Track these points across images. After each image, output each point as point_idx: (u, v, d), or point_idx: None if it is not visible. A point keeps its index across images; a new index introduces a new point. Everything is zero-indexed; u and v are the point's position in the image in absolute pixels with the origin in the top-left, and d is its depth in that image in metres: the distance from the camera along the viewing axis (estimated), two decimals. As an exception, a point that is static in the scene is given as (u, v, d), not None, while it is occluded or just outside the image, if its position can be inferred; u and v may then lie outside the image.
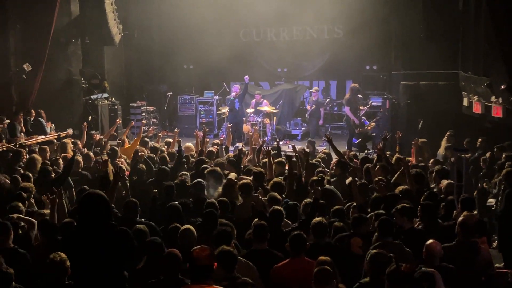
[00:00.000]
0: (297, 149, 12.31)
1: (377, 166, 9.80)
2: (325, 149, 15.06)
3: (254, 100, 18.41)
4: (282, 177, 9.45)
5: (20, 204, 7.57)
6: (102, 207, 4.88)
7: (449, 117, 14.55)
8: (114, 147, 12.29)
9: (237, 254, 5.82)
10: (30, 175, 9.66)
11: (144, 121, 19.49)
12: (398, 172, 9.55)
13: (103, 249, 4.83)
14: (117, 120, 16.31)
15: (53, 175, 9.78)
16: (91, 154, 11.60)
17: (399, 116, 16.26)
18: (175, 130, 14.41)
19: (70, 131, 15.57)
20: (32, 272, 6.14)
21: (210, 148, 12.55)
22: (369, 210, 7.80)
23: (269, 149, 11.04)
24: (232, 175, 9.32)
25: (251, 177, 9.24)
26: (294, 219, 7.61)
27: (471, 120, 13.83)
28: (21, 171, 10.22)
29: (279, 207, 7.22)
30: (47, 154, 12.00)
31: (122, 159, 11.78)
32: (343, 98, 17.33)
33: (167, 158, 11.34)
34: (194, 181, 8.88)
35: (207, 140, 13.52)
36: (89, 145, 14.03)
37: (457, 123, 14.10)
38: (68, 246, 5.07)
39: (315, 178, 8.97)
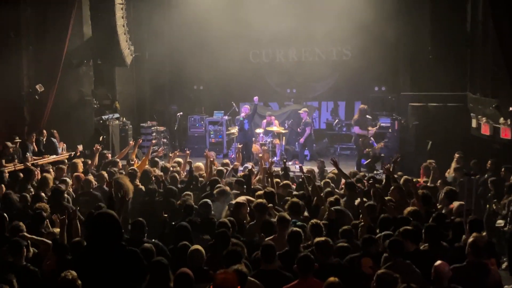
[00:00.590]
0: (304, 170, 12.35)
1: (393, 188, 9.81)
2: (334, 169, 15.05)
3: (265, 121, 18.44)
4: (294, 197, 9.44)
5: (21, 224, 7.59)
6: (113, 227, 4.88)
7: (457, 138, 14.54)
8: (134, 168, 12.32)
9: (247, 273, 5.82)
10: (43, 195, 9.73)
11: (154, 141, 19.58)
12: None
13: (113, 269, 4.83)
14: (130, 142, 16.38)
15: (66, 196, 9.82)
16: (105, 174, 11.62)
17: (407, 137, 16.26)
18: (187, 151, 14.43)
19: (80, 147, 15.65)
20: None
21: (220, 168, 12.58)
22: (377, 231, 7.80)
23: (272, 170, 11.05)
24: (242, 198, 9.35)
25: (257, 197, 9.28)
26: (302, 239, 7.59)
27: (480, 141, 13.82)
28: (32, 190, 10.28)
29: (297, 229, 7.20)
30: (63, 173, 12.08)
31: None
32: (352, 119, 17.35)
33: (178, 177, 11.39)
34: (201, 201, 8.91)
35: (216, 164, 13.62)
36: (102, 164, 14.12)
37: (466, 145, 14.08)
38: (79, 265, 5.07)
39: (331, 199, 8.98)
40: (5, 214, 7.93)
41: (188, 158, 13.29)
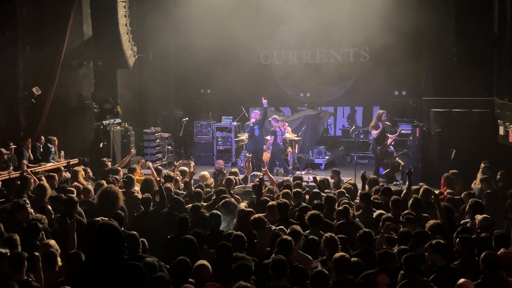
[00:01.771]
0: (318, 180, 12.36)
1: (412, 200, 9.83)
2: (350, 179, 15.05)
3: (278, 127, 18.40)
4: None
5: (16, 236, 7.62)
6: (115, 239, 4.87)
7: (483, 146, 14.47)
8: (130, 175, 12.38)
9: None
10: (46, 205, 9.80)
11: (158, 148, 19.69)
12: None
13: (114, 285, 4.83)
14: (132, 150, 16.42)
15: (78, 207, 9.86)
16: (104, 182, 11.67)
17: (429, 146, 16.22)
18: (191, 162, 14.43)
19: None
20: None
21: (228, 177, 12.61)
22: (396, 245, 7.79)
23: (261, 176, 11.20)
24: (242, 205, 9.39)
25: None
26: (315, 254, 7.60)
27: (508, 150, 13.74)
28: (27, 200, 10.34)
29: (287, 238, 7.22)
30: (55, 182, 12.14)
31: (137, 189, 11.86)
32: (369, 125, 17.28)
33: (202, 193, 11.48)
34: (211, 212, 8.92)
35: (225, 171, 13.66)
36: (101, 172, 14.17)
37: (493, 154, 13.99)
38: (77, 280, 5.06)
39: (340, 208, 8.98)
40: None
41: (192, 168, 13.23)
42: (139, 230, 7.94)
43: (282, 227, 8.55)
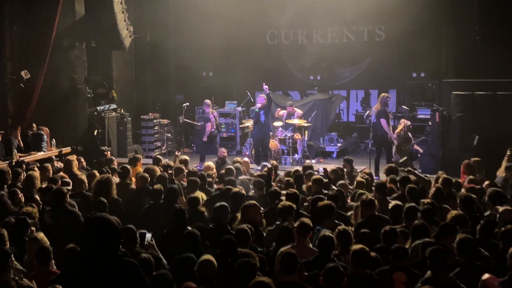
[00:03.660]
0: (329, 169, 12.35)
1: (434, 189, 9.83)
2: (365, 168, 15.02)
3: (285, 112, 18.39)
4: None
5: (3, 231, 7.62)
6: (110, 234, 4.87)
7: (509, 132, 14.42)
8: (126, 166, 12.39)
9: None
10: (37, 197, 9.82)
11: (156, 135, 19.70)
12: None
13: (109, 283, 4.82)
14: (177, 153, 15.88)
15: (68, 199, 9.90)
16: (97, 173, 11.69)
17: (450, 132, 16.16)
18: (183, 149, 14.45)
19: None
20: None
21: (229, 166, 12.62)
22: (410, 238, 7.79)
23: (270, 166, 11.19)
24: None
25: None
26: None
27: (535, 135, 13.72)
28: (18, 191, 10.35)
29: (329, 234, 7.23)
30: (49, 173, 12.16)
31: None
32: (373, 110, 16.71)
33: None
34: (217, 204, 8.91)
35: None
36: (99, 163, 14.21)
37: (519, 139, 13.97)
38: (69, 277, 5.06)
39: (365, 199, 8.95)
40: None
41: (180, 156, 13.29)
42: (146, 224, 7.97)
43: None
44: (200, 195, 10.68)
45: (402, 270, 6.76)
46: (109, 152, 15.64)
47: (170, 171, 11.82)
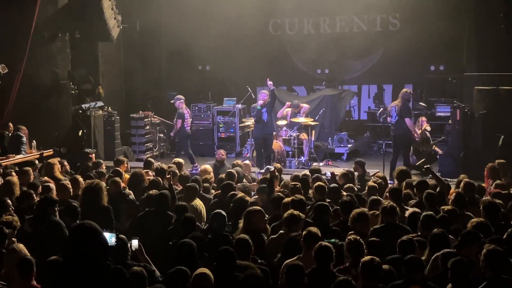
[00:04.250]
0: (338, 173, 12.37)
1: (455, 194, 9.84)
2: (378, 172, 15.03)
3: (289, 110, 18.38)
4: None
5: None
6: (96, 242, 4.87)
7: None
8: (117, 169, 12.40)
9: None
10: (6, 202, 9.82)
11: (147, 136, 19.71)
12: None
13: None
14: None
15: (35, 201, 9.91)
16: (80, 178, 11.68)
17: (472, 131, 16.16)
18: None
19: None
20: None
21: (230, 170, 12.63)
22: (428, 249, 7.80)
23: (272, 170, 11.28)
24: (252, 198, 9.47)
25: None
26: (339, 260, 7.60)
27: None
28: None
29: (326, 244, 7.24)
30: (30, 177, 12.16)
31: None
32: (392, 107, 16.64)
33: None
34: (213, 212, 8.94)
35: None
36: (84, 166, 14.20)
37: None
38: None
39: (386, 206, 8.96)
40: None
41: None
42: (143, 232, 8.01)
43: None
44: (199, 203, 10.72)
45: (418, 284, 6.77)
46: (93, 155, 15.61)
47: (168, 175, 11.72)
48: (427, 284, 6.81)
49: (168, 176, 11.51)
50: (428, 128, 17.26)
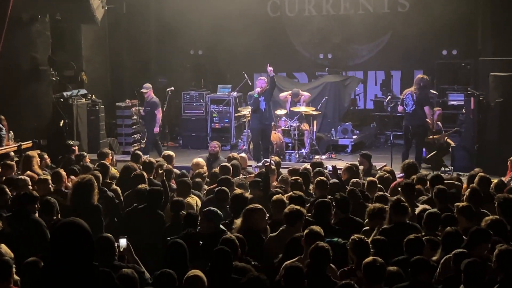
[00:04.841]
0: (342, 166, 12.38)
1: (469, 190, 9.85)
2: (386, 165, 15.04)
3: (289, 96, 18.39)
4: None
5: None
6: (82, 241, 4.85)
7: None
8: (104, 162, 12.38)
9: None
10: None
11: (134, 127, 19.70)
12: None
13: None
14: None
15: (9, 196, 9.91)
16: (62, 172, 11.66)
17: (488, 120, 16.17)
18: None
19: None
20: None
21: (224, 164, 12.62)
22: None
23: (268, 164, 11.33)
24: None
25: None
26: (342, 261, 7.62)
27: None
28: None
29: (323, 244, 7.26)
30: (13, 172, 12.17)
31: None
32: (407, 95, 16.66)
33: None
34: (205, 209, 8.95)
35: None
36: (65, 160, 14.19)
37: None
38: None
39: (394, 203, 8.96)
40: None
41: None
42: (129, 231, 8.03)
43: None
44: (195, 200, 10.74)
45: (423, 287, 6.78)
46: (76, 147, 15.59)
47: (161, 171, 11.67)
48: (434, 287, 6.82)
49: (160, 172, 11.49)
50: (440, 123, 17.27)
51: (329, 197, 9.86)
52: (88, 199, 9.44)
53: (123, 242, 7.54)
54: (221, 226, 8.84)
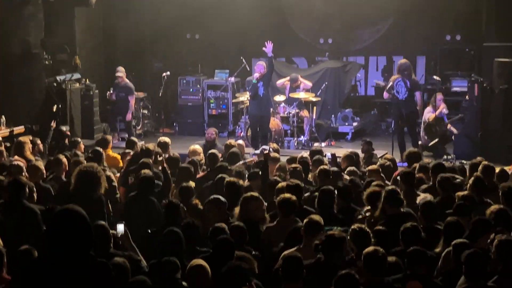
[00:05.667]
0: (341, 154, 12.38)
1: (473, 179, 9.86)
2: (387, 153, 15.06)
3: (288, 83, 18.38)
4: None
5: None
6: (81, 230, 4.87)
7: None
8: (98, 149, 12.39)
9: None
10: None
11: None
12: None
13: None
14: None
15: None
16: (63, 159, 11.65)
17: (492, 108, 16.18)
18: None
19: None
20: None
21: (213, 151, 12.63)
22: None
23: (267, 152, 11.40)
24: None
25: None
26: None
27: None
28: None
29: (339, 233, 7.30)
30: (3, 158, 12.17)
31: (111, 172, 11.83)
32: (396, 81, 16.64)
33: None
34: (211, 197, 8.97)
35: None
36: (59, 145, 14.19)
37: None
38: (26, 285, 5.07)
39: (389, 192, 8.97)
40: None
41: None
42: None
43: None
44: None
45: (419, 279, 6.79)
46: (67, 131, 15.57)
47: (160, 158, 11.66)
48: (431, 280, 6.83)
49: (160, 159, 11.50)
50: (445, 111, 17.27)
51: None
52: (92, 189, 9.35)
53: (120, 228, 7.57)
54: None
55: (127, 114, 18.11)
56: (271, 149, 12.65)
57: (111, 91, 18.61)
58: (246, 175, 11.22)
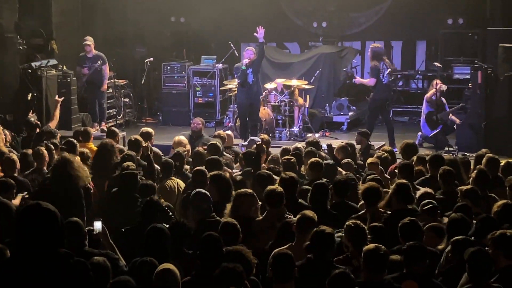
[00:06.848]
0: (335, 145, 12.39)
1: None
2: (385, 144, 15.08)
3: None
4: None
5: None
6: (51, 227, 4.84)
7: None
8: (71, 140, 12.35)
9: None
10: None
11: (110, 101, 19.62)
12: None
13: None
14: (57, 98, 16.16)
15: None
16: (44, 151, 11.60)
17: (497, 96, 16.21)
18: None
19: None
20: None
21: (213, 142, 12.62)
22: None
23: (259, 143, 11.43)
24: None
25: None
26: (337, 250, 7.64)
27: None
28: None
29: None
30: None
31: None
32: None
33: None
34: (194, 191, 8.94)
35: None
36: (36, 137, 14.14)
37: None
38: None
39: (400, 183, 8.98)
40: None
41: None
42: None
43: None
44: (176, 182, 10.77)
45: (415, 278, 6.78)
46: (36, 120, 15.47)
47: (145, 144, 11.70)
48: (429, 280, 6.82)
49: (145, 145, 11.49)
50: (444, 87, 17.24)
51: (324, 179, 9.89)
52: (68, 181, 9.38)
53: (98, 225, 7.53)
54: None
55: (103, 84, 18.13)
56: (259, 140, 12.65)
57: (82, 66, 18.56)
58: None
